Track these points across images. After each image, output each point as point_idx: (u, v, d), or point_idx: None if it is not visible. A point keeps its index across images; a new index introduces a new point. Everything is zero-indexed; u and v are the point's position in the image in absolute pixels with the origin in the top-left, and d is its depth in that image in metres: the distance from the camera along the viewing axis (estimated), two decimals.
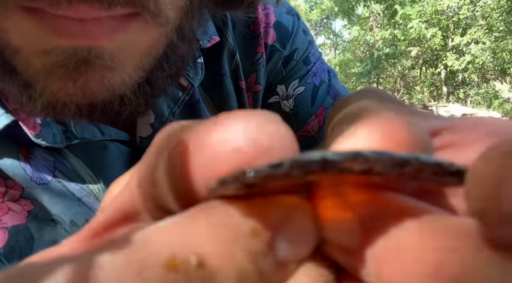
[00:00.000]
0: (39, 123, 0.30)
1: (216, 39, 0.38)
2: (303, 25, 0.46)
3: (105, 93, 0.24)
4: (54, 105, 0.24)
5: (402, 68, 11.29)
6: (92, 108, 0.26)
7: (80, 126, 0.32)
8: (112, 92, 0.24)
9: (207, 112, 0.41)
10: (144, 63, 0.26)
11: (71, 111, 0.25)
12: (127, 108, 0.26)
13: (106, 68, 0.23)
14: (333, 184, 0.10)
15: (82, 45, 0.22)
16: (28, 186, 0.31)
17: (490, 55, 8.86)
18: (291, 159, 0.08)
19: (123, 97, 0.25)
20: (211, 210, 0.09)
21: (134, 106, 0.27)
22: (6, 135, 0.30)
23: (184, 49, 0.29)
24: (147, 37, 0.25)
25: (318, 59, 0.46)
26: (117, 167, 0.35)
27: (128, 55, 0.24)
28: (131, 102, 0.26)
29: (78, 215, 0.34)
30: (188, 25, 0.28)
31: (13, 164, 0.31)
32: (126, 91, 0.25)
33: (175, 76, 0.29)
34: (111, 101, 0.25)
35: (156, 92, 0.28)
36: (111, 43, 0.22)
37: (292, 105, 0.44)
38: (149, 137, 0.35)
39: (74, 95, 0.23)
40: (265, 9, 0.42)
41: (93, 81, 0.23)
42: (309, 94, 0.45)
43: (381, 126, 0.10)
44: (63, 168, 0.33)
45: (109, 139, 0.34)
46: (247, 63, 0.42)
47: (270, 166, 0.08)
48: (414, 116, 0.12)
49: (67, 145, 0.32)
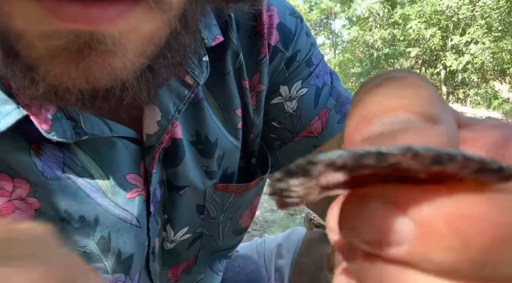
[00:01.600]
0: (50, 118, 0.30)
1: (220, 39, 0.38)
2: (305, 27, 0.46)
3: (107, 77, 0.24)
4: (56, 89, 0.24)
5: (402, 68, 11.27)
6: (94, 94, 0.25)
7: (90, 122, 0.32)
8: (113, 77, 0.24)
9: (211, 111, 0.41)
10: (146, 49, 0.26)
11: (73, 97, 0.25)
12: (128, 93, 0.26)
13: (107, 52, 0.23)
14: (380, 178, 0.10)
15: (84, 30, 0.22)
16: (39, 182, 0.32)
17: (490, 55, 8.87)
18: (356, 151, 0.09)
19: (124, 82, 0.25)
20: None
21: (136, 92, 0.27)
22: (17, 130, 0.30)
23: (187, 39, 0.29)
24: (150, 24, 0.25)
25: (320, 61, 0.47)
26: (125, 164, 0.36)
27: (130, 40, 0.24)
28: (133, 87, 0.26)
29: (87, 211, 0.34)
30: (191, 14, 0.28)
31: (24, 159, 0.31)
32: (127, 76, 0.25)
33: (178, 65, 0.29)
34: (113, 87, 0.25)
35: (158, 80, 0.28)
36: (113, 28, 0.22)
37: (296, 106, 0.45)
38: (155, 134, 0.36)
39: (77, 79, 0.24)
40: (268, 10, 0.43)
41: (95, 65, 0.23)
42: (312, 96, 0.45)
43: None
44: (72, 164, 0.33)
45: (117, 136, 0.34)
46: (251, 63, 0.42)
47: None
48: (445, 111, 0.12)
49: (76, 141, 0.32)
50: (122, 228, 0.36)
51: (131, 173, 0.36)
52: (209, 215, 0.45)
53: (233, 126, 0.43)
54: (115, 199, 0.36)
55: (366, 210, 0.10)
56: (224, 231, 0.48)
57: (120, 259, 0.37)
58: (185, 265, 0.50)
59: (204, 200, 0.43)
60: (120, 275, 0.38)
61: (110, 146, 0.34)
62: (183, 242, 0.46)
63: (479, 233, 0.09)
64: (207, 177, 0.42)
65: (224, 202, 0.45)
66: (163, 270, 0.48)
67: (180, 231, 0.44)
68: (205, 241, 0.48)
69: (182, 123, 0.40)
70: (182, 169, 0.40)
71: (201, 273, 0.53)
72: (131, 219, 0.37)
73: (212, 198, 0.44)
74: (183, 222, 0.44)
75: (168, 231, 0.43)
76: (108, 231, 0.36)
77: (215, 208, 0.45)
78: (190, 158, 0.41)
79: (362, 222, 0.10)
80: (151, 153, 0.36)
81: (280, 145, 0.47)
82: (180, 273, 0.50)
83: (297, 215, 2.41)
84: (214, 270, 0.56)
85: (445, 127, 0.11)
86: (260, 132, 0.46)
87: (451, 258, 0.09)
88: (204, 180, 0.42)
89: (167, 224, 0.43)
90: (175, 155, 0.39)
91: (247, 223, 0.51)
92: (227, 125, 0.42)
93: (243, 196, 0.46)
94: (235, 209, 0.47)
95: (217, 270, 0.56)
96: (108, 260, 0.37)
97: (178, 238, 0.45)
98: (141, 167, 0.37)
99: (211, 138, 0.41)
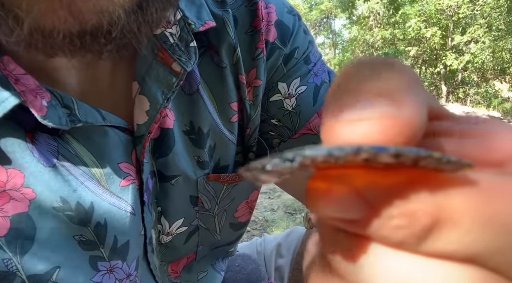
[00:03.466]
0: (45, 105, 0.30)
1: (211, 24, 0.39)
2: (303, 25, 0.46)
3: (92, 10, 0.24)
4: (42, 28, 0.24)
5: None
6: (82, 34, 0.25)
7: (84, 111, 0.33)
8: (99, 9, 0.24)
9: (208, 102, 0.41)
10: None
11: (60, 35, 0.24)
12: (117, 27, 0.25)
13: None
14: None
15: None
16: (35, 170, 0.32)
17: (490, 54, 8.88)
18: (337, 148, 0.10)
19: (111, 15, 0.25)
20: None
21: (125, 26, 0.26)
22: (12, 118, 0.30)
23: None
24: None
25: (318, 60, 0.47)
26: (117, 152, 0.36)
27: None
28: (120, 19, 0.25)
29: (83, 198, 0.34)
30: None
31: (21, 146, 0.31)
32: (114, 8, 0.25)
33: (166, 9, 0.29)
34: (101, 22, 0.25)
35: (147, 19, 0.27)
36: None
37: (295, 104, 0.45)
38: (145, 124, 0.36)
39: (61, 11, 0.23)
40: (267, 7, 0.43)
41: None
42: (311, 94, 0.45)
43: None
44: (67, 153, 0.33)
45: (109, 125, 0.35)
46: (248, 58, 0.42)
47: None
48: (416, 97, 0.12)
49: (69, 130, 0.32)
50: (117, 215, 0.36)
51: (124, 162, 0.37)
52: (203, 207, 0.45)
53: (227, 119, 0.43)
54: (109, 187, 0.36)
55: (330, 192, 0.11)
56: (221, 224, 0.48)
57: (117, 245, 0.37)
58: (185, 262, 0.50)
59: (197, 191, 0.44)
60: (117, 261, 0.38)
61: (102, 135, 0.35)
62: (180, 236, 0.46)
63: (422, 214, 0.11)
64: (199, 166, 0.43)
65: (217, 192, 0.45)
66: (163, 265, 0.48)
67: (175, 223, 0.44)
68: (202, 235, 0.48)
69: (176, 113, 0.40)
70: (173, 158, 0.40)
71: (203, 271, 0.53)
72: (126, 207, 0.37)
73: (205, 189, 0.44)
74: (178, 214, 0.44)
75: (163, 223, 0.44)
76: (104, 218, 0.36)
77: (208, 199, 0.45)
78: (182, 147, 0.41)
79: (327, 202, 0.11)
80: (141, 142, 0.37)
81: (279, 142, 0.48)
82: (180, 270, 0.50)
83: (297, 215, 2.41)
84: (216, 269, 0.56)
85: (410, 113, 0.11)
86: (258, 127, 0.46)
87: (399, 234, 0.11)
88: (195, 169, 0.42)
89: (162, 216, 0.43)
90: (164, 144, 0.39)
91: (244, 217, 0.51)
92: (221, 118, 0.43)
93: (236, 186, 0.46)
94: (229, 200, 0.47)
95: (219, 269, 0.56)
96: (105, 247, 0.37)
97: (174, 230, 0.45)
98: (132, 157, 0.37)
99: (204, 129, 0.42)
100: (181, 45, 0.37)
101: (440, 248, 0.11)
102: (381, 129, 0.11)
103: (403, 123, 0.11)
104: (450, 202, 0.10)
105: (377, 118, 0.11)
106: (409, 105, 0.12)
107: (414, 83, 0.13)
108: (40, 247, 0.33)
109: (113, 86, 0.37)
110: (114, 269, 0.38)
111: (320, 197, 0.11)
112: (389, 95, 0.12)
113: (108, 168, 0.35)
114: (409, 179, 0.11)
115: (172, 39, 0.37)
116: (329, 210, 0.11)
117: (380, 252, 0.11)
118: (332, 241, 0.13)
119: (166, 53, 0.36)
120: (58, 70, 0.33)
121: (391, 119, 0.11)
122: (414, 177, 0.11)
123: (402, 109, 0.11)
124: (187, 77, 0.39)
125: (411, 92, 0.12)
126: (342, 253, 0.12)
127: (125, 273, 0.39)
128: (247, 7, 0.42)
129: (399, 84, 0.12)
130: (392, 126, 0.11)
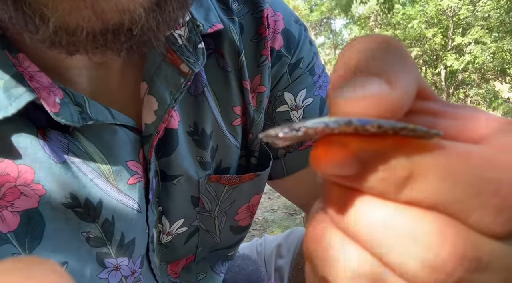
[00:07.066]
0: (58, 102, 0.31)
1: (219, 26, 0.39)
2: (309, 36, 0.47)
3: (114, 8, 0.25)
4: (67, 26, 0.25)
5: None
6: (104, 31, 0.26)
7: (94, 109, 0.33)
8: (121, 8, 0.25)
9: (213, 104, 0.42)
10: None
11: (83, 33, 0.25)
12: (138, 25, 0.26)
13: None
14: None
15: None
16: (46, 165, 0.32)
17: (490, 55, 8.87)
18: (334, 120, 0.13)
19: (132, 13, 0.26)
20: None
21: (145, 25, 0.27)
22: (25, 115, 0.31)
23: None
24: None
25: (322, 72, 0.48)
26: (126, 151, 0.37)
27: None
28: (141, 18, 0.26)
29: (92, 195, 0.35)
30: None
31: (33, 143, 0.32)
32: (135, 7, 0.26)
33: (183, 8, 0.30)
34: (122, 20, 0.26)
35: (165, 17, 0.28)
36: None
37: (301, 115, 0.46)
38: (153, 123, 0.37)
39: (85, 11, 0.24)
40: (274, 15, 0.44)
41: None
42: (317, 106, 0.46)
43: None
44: (77, 150, 0.34)
45: (118, 124, 0.36)
46: (253, 65, 0.43)
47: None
48: (405, 74, 0.15)
49: (80, 128, 0.33)
50: (124, 212, 0.37)
51: (132, 161, 0.37)
52: (204, 208, 0.46)
53: (229, 122, 0.43)
54: (117, 184, 0.36)
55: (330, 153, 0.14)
56: (221, 227, 0.49)
57: (123, 242, 0.38)
58: (184, 263, 0.50)
59: (198, 192, 0.44)
60: (123, 259, 0.39)
61: (112, 133, 0.35)
62: (180, 236, 0.46)
63: (399, 168, 0.14)
64: (201, 167, 0.43)
65: (218, 194, 0.45)
66: (162, 265, 0.48)
67: (176, 223, 0.45)
68: (202, 236, 0.48)
69: (181, 114, 0.40)
70: (175, 158, 0.40)
71: (202, 273, 0.53)
72: (133, 205, 0.37)
73: (206, 190, 0.44)
74: (178, 214, 0.44)
75: (164, 223, 0.44)
76: (112, 214, 0.36)
77: (209, 200, 0.45)
78: (185, 148, 0.41)
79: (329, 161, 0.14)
80: (149, 142, 0.37)
81: (285, 153, 0.48)
82: (179, 270, 0.50)
83: (297, 215, 2.41)
84: (216, 271, 0.56)
85: (400, 95, 0.14)
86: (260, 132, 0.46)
87: (383, 184, 0.14)
88: (197, 170, 0.43)
89: (162, 215, 0.43)
90: (168, 144, 0.40)
91: (245, 221, 0.51)
92: (224, 120, 0.43)
93: (237, 189, 0.46)
94: (230, 202, 0.47)
95: (218, 272, 0.57)
96: (112, 244, 0.37)
97: (174, 230, 0.45)
98: (140, 156, 0.38)
99: (207, 130, 0.42)
100: (190, 46, 0.37)
101: (413, 197, 0.13)
102: (374, 106, 0.14)
103: (392, 103, 0.14)
104: (421, 160, 0.13)
105: (372, 97, 0.14)
106: (400, 87, 0.14)
107: (407, 64, 0.15)
108: (49, 242, 0.33)
109: (123, 86, 0.38)
110: (120, 266, 0.39)
111: (323, 158, 0.14)
112: (384, 75, 0.14)
113: (117, 166, 0.36)
114: (392, 144, 0.14)
115: (181, 40, 0.37)
116: (330, 168, 0.14)
117: (366, 200, 0.14)
118: (330, 194, 0.15)
119: (174, 54, 0.37)
120: (70, 69, 0.34)
121: (383, 99, 0.14)
122: (396, 142, 0.14)
123: (393, 90, 0.14)
124: (194, 79, 0.40)
125: (404, 75, 0.15)
126: (338, 203, 0.15)
127: (130, 270, 0.40)
128: (253, 15, 0.43)
129: (395, 64, 0.15)
130: (383, 104, 0.14)
